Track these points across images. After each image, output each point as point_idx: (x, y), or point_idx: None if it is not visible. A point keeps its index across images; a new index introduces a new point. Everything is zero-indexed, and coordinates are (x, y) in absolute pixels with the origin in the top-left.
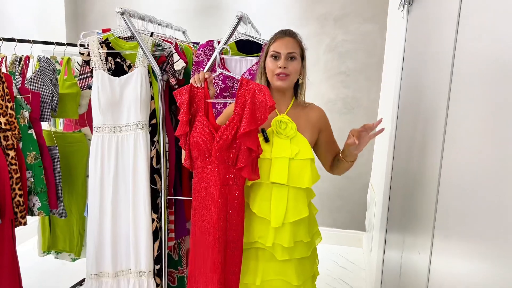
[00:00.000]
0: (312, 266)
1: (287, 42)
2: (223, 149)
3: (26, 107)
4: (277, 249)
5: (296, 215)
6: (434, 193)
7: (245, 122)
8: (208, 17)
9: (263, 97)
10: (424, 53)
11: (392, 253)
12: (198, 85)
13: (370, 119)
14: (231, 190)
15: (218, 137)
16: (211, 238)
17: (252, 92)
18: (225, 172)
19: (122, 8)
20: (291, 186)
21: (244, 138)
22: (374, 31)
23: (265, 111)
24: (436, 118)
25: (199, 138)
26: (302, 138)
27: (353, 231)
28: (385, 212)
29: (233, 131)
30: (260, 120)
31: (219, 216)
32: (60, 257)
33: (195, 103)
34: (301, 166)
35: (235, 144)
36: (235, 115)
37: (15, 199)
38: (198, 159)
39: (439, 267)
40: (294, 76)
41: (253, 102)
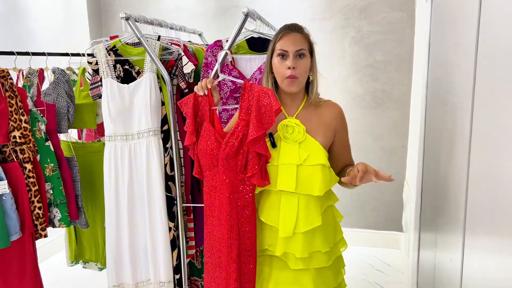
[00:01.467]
0: (335, 276)
1: (295, 39)
2: (230, 157)
3: (42, 119)
4: (290, 258)
5: (307, 225)
6: (463, 190)
7: (253, 128)
8: (228, 18)
9: (268, 100)
10: (448, 40)
11: (426, 254)
12: (201, 93)
13: (402, 112)
14: (241, 197)
15: (224, 144)
16: (224, 247)
17: (257, 96)
18: (234, 180)
19: (126, 13)
20: (301, 194)
21: (253, 143)
22: (402, 20)
23: (271, 115)
24: (463, 113)
25: (206, 147)
26: (313, 141)
27: (389, 232)
28: (418, 211)
29: (239, 137)
30: (267, 125)
31: (231, 224)
32: (87, 267)
33: (200, 111)
34: (311, 172)
35: (242, 150)
36: (240, 121)
37: (35, 211)
38: (207, 168)
39: (471, 268)
40: (304, 75)
41: (259, 106)
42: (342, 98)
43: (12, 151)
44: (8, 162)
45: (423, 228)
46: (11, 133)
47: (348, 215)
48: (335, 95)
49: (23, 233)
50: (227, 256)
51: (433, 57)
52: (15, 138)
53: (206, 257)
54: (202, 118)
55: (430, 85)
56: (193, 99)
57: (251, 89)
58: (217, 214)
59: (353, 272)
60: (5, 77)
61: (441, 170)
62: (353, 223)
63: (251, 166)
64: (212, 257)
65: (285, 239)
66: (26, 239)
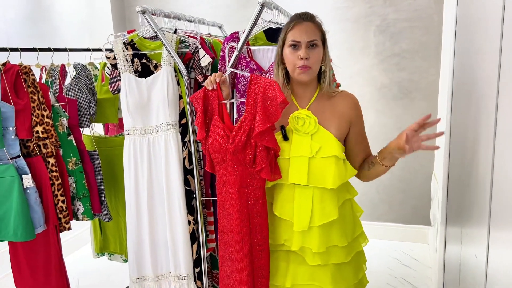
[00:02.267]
0: (355, 272)
1: (307, 28)
2: (238, 151)
3: (64, 114)
4: (307, 253)
5: (323, 218)
6: (488, 184)
7: (259, 121)
8: (250, 10)
9: (273, 92)
10: (474, 26)
11: (452, 249)
12: (210, 87)
13: (430, 102)
14: (251, 192)
15: (231, 139)
16: (236, 242)
17: (263, 88)
18: (243, 174)
19: (142, 7)
20: (315, 187)
21: (260, 137)
22: (429, 6)
23: (277, 107)
24: (488, 104)
25: (215, 141)
26: (326, 133)
27: (417, 226)
28: (444, 205)
29: (246, 131)
30: (273, 117)
31: (241, 218)
32: (113, 259)
33: (210, 106)
34: (323, 165)
35: (250, 144)
36: (247, 114)
37: (58, 205)
38: (217, 163)
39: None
40: (317, 65)
41: (264, 99)
42: (367, 89)
43: (36, 145)
44: (32, 157)
45: (450, 222)
46: (33, 128)
47: (375, 208)
48: (360, 86)
49: (47, 226)
50: (239, 251)
51: (459, 45)
52: (38, 133)
53: (219, 251)
54: (212, 113)
55: (456, 74)
56: (203, 94)
57: (257, 81)
58: (228, 209)
59: (379, 267)
60: (27, 73)
61: (467, 163)
62: (380, 217)
63: (259, 160)
64: (225, 252)
65: (301, 234)
66: (51, 232)
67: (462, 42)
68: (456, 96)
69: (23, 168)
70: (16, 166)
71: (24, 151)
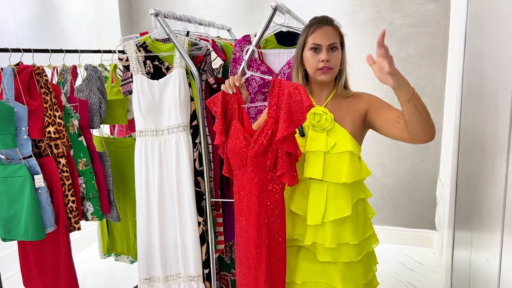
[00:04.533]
0: (365, 273)
1: (327, 32)
2: (259, 155)
3: (75, 115)
4: (319, 249)
5: (336, 214)
6: (502, 188)
7: (282, 126)
8: (257, 13)
9: (299, 97)
10: (486, 32)
11: (461, 253)
12: (230, 92)
13: (436, 107)
14: (270, 196)
15: (253, 143)
16: (253, 247)
17: (287, 93)
18: (263, 179)
19: (155, 9)
20: (330, 182)
21: (282, 142)
22: (436, 11)
23: (303, 112)
24: (502, 108)
25: (235, 146)
26: (341, 129)
27: (421, 230)
28: (452, 209)
29: (268, 135)
30: (298, 122)
31: (260, 223)
32: (119, 260)
33: (229, 110)
34: (338, 160)
35: (271, 148)
36: (269, 118)
37: (68, 205)
38: (236, 167)
39: (510, 269)
40: (337, 67)
41: (289, 103)
42: (374, 93)
43: (47, 146)
44: (43, 157)
45: (458, 226)
46: (46, 128)
47: (379, 212)
48: (366, 90)
49: (57, 226)
50: (256, 256)
51: (469, 50)
52: (50, 134)
53: (236, 257)
54: (231, 117)
55: (465, 79)
56: (221, 98)
57: (280, 85)
58: (246, 213)
59: (384, 270)
60: (40, 74)
61: (478, 167)
62: (385, 221)
63: (281, 165)
64: (242, 258)
65: (314, 228)
66: (61, 232)
67: (472, 46)
68: (466, 100)
69: (35, 168)
70: (28, 166)
71: (36, 151)
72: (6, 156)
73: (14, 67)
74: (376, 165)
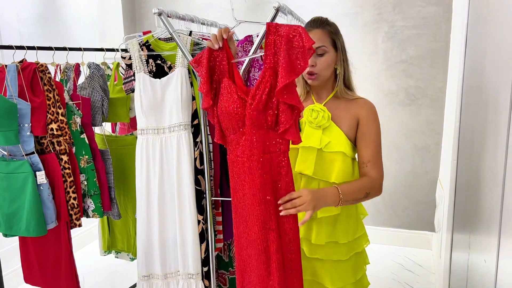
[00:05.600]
0: (354, 272)
1: (314, 36)
2: (259, 111)
3: (78, 112)
4: (306, 245)
5: (325, 211)
6: (499, 191)
7: (282, 74)
8: (259, 14)
9: (300, 40)
10: (487, 35)
11: (459, 255)
12: (216, 47)
13: (436, 109)
14: (275, 158)
15: (250, 99)
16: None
17: (286, 37)
18: (265, 138)
19: (159, 8)
20: (321, 180)
21: (283, 93)
22: (438, 14)
23: (305, 56)
24: (500, 111)
25: (228, 106)
26: (336, 129)
27: (421, 232)
28: (451, 211)
29: (267, 88)
30: (299, 69)
31: (265, 191)
32: (120, 257)
33: (217, 68)
34: (330, 159)
35: (271, 103)
36: (267, 69)
37: (70, 202)
38: (231, 131)
39: (506, 271)
40: (325, 71)
41: (289, 49)
42: (374, 95)
43: (49, 143)
44: (45, 154)
45: (456, 228)
46: (48, 125)
47: (379, 213)
48: (367, 91)
49: (59, 222)
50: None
51: (470, 53)
52: (52, 131)
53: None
54: (221, 75)
55: (466, 81)
56: (207, 55)
57: (277, 30)
58: (248, 182)
59: (382, 272)
60: (44, 72)
61: (476, 170)
62: (384, 222)
63: (283, 120)
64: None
65: (304, 224)
66: (62, 228)
67: (472, 49)
68: (466, 102)
69: (37, 164)
70: (30, 163)
71: (38, 148)
72: (8, 153)
73: (18, 64)
74: None
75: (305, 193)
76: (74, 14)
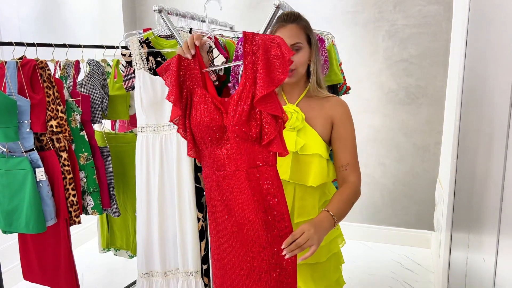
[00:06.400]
0: (331, 273)
1: (290, 32)
2: (242, 123)
3: (77, 109)
4: None
5: (303, 215)
6: (499, 190)
7: (261, 85)
8: (260, 11)
9: (278, 50)
10: (487, 34)
11: (458, 254)
12: (188, 56)
13: (437, 108)
14: (263, 172)
15: (232, 111)
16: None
17: (263, 47)
18: (250, 151)
19: (159, 6)
20: (297, 184)
21: (264, 103)
22: (439, 13)
23: (285, 66)
24: (500, 111)
25: (204, 117)
26: (311, 130)
27: (420, 231)
28: (450, 210)
29: (248, 99)
30: (278, 79)
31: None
32: (118, 254)
33: (188, 77)
34: (306, 162)
35: (254, 114)
36: (247, 80)
37: (69, 199)
38: (208, 144)
39: (505, 269)
40: (301, 68)
41: (267, 58)
42: (375, 93)
43: (49, 139)
44: (45, 150)
45: (456, 227)
46: (48, 122)
47: (378, 212)
48: (367, 90)
49: (58, 219)
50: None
51: (470, 52)
52: (52, 127)
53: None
54: (193, 84)
55: (466, 81)
56: (176, 63)
57: (253, 39)
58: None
59: (382, 270)
60: (44, 68)
61: (476, 169)
62: (383, 221)
63: (267, 130)
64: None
65: None
66: (61, 225)
67: (473, 48)
68: (466, 101)
69: (37, 161)
70: (29, 159)
71: (38, 144)
72: (8, 149)
73: (18, 61)
74: (376, 165)
75: (306, 229)
76: (74, 11)
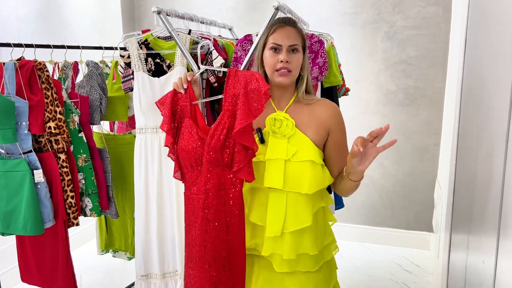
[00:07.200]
0: (326, 281)
1: (289, 33)
2: (216, 150)
3: (76, 111)
4: (276, 260)
5: (296, 224)
6: (499, 191)
7: (240, 117)
8: (259, 13)
9: (256, 84)
10: (486, 36)
11: (457, 256)
12: (182, 91)
13: (435, 109)
14: (228, 195)
15: (209, 139)
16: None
17: (244, 82)
18: (220, 176)
19: (158, 7)
20: (290, 191)
21: (240, 135)
22: (437, 14)
23: (261, 99)
24: (499, 112)
25: (188, 145)
26: (303, 136)
27: (419, 232)
28: (449, 211)
29: (225, 129)
30: (256, 111)
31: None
32: (117, 256)
33: (179, 108)
34: (299, 169)
35: (228, 143)
36: (225, 111)
37: (67, 200)
38: (189, 169)
39: (505, 272)
40: (297, 70)
41: (246, 92)
42: (374, 95)
43: (47, 141)
44: (43, 152)
45: (455, 229)
46: (46, 123)
47: (377, 213)
48: (366, 91)
49: (56, 221)
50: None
51: (469, 53)
52: (50, 129)
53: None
54: (182, 115)
55: (465, 82)
56: (171, 97)
57: (236, 75)
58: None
59: (380, 272)
60: (42, 70)
61: (476, 170)
62: (382, 222)
63: (237, 160)
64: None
65: (273, 239)
66: (59, 227)
67: (472, 50)
68: (465, 102)
69: (35, 163)
70: (28, 161)
71: (36, 146)
72: (6, 151)
73: (16, 62)
74: (375, 166)
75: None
76: (73, 12)
